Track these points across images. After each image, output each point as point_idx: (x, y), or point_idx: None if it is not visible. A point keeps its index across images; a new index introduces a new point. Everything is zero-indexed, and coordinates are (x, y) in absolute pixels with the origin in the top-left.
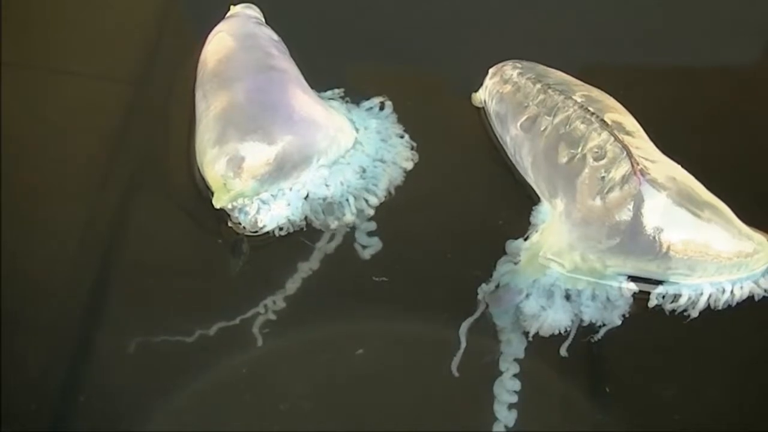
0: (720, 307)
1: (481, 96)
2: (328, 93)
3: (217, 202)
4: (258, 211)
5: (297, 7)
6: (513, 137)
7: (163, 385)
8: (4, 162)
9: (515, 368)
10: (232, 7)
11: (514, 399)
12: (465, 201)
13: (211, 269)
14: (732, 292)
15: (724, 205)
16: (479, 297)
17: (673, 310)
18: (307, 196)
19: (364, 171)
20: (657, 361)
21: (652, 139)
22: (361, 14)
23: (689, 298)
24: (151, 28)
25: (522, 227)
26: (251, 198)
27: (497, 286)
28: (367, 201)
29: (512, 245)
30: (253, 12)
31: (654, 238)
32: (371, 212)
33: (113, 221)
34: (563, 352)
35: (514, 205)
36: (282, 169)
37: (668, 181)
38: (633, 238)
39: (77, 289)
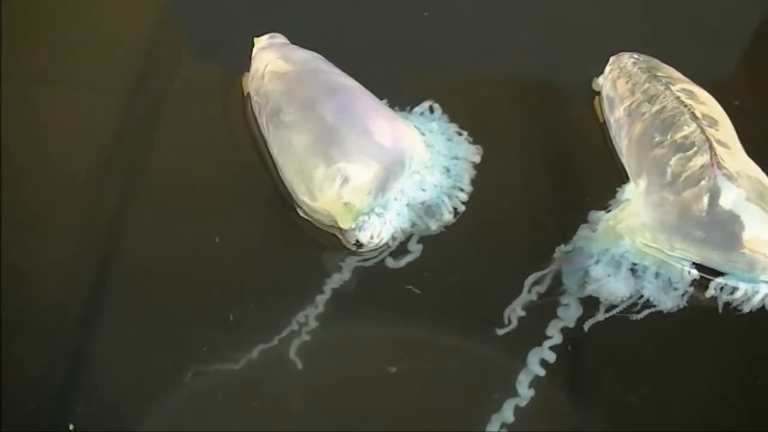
0: None
1: (600, 81)
2: None
3: (344, 224)
4: (376, 226)
5: (303, 28)
6: (617, 119)
7: (163, 386)
8: (4, 168)
9: (559, 339)
10: (256, 39)
11: (542, 373)
12: (561, 176)
13: (209, 273)
14: None
15: None
16: (555, 255)
17: (728, 303)
18: (408, 203)
19: (447, 170)
20: (639, 362)
21: None
22: (382, 26)
23: (745, 294)
24: (146, 40)
25: (609, 202)
26: (369, 214)
27: (572, 249)
28: (458, 198)
29: (594, 215)
30: (283, 39)
31: (721, 229)
32: (463, 208)
33: (111, 225)
34: (586, 328)
35: (607, 182)
36: (387, 180)
37: (743, 178)
38: (701, 226)
39: (76, 292)
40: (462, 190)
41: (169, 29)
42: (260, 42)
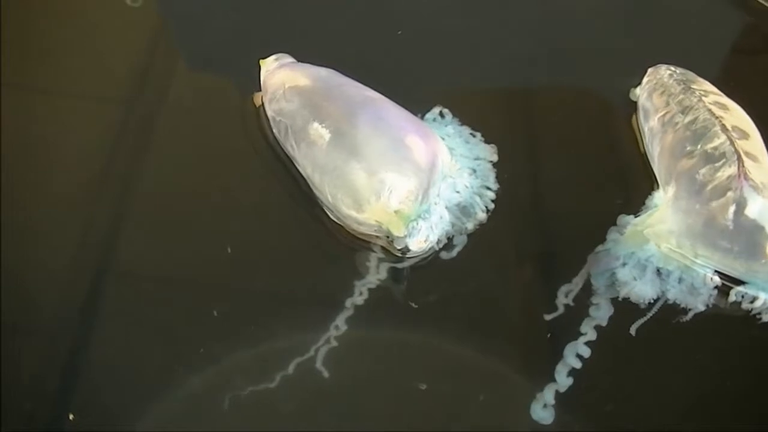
0: None
1: (638, 91)
2: None
3: (398, 231)
4: (423, 231)
5: (294, 45)
6: (651, 128)
7: (163, 386)
8: (4, 172)
9: (593, 335)
10: (262, 62)
11: (579, 365)
12: (595, 183)
13: (207, 278)
14: None
15: None
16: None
17: (749, 311)
18: (445, 206)
19: (474, 171)
20: (626, 363)
21: None
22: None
23: (764, 303)
24: (147, 44)
25: (639, 207)
26: (417, 220)
27: (601, 251)
28: (487, 196)
29: (623, 219)
30: (290, 59)
31: (745, 238)
32: (492, 206)
33: (110, 230)
34: (633, 331)
35: (639, 188)
36: (428, 185)
37: None
38: (725, 235)
39: (76, 293)
40: (489, 189)
41: (167, 38)
42: (267, 64)
